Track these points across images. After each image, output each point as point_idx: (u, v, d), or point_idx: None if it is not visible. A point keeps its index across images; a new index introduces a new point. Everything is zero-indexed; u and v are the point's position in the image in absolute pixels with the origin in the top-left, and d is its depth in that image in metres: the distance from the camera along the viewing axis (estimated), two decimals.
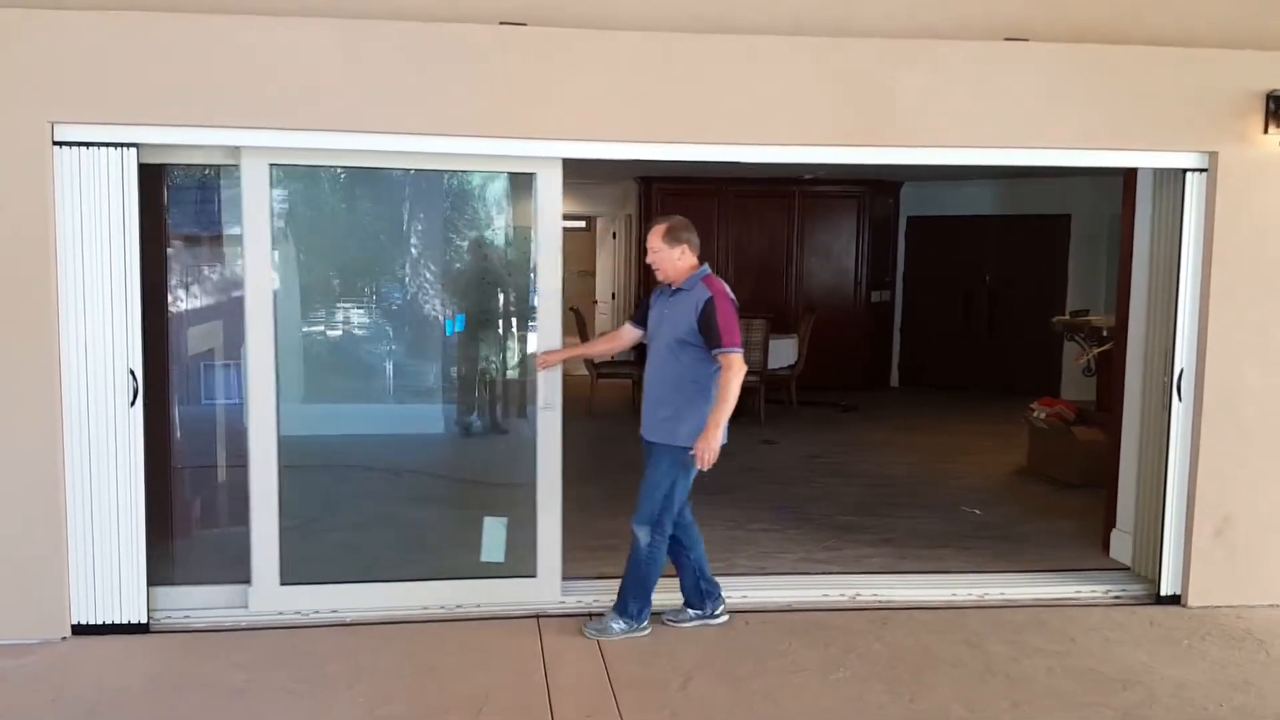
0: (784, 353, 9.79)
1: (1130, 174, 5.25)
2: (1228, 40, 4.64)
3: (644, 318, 4.53)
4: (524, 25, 4.30)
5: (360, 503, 5.27)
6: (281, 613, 4.56)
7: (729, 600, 4.64)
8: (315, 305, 5.12)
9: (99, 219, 4.22)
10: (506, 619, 4.58)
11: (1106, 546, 5.56)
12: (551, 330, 4.68)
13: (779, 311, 10.47)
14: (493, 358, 5.50)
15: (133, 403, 4.31)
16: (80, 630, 4.35)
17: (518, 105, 4.35)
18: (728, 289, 4.30)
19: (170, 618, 4.50)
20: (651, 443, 4.35)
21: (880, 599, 4.92)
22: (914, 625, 4.60)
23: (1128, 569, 5.28)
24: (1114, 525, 5.52)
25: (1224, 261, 4.71)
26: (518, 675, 4.04)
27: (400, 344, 5.39)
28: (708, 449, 4.11)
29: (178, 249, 4.93)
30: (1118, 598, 5.00)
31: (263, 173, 4.40)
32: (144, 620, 4.40)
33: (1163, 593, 4.93)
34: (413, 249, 5.23)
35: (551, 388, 4.66)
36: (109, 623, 4.37)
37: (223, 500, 5.30)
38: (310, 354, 5.10)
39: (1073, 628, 4.59)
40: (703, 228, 4.53)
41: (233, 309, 4.61)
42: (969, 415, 10.04)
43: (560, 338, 4.71)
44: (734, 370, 4.14)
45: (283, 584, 4.58)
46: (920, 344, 11.88)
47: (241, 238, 4.43)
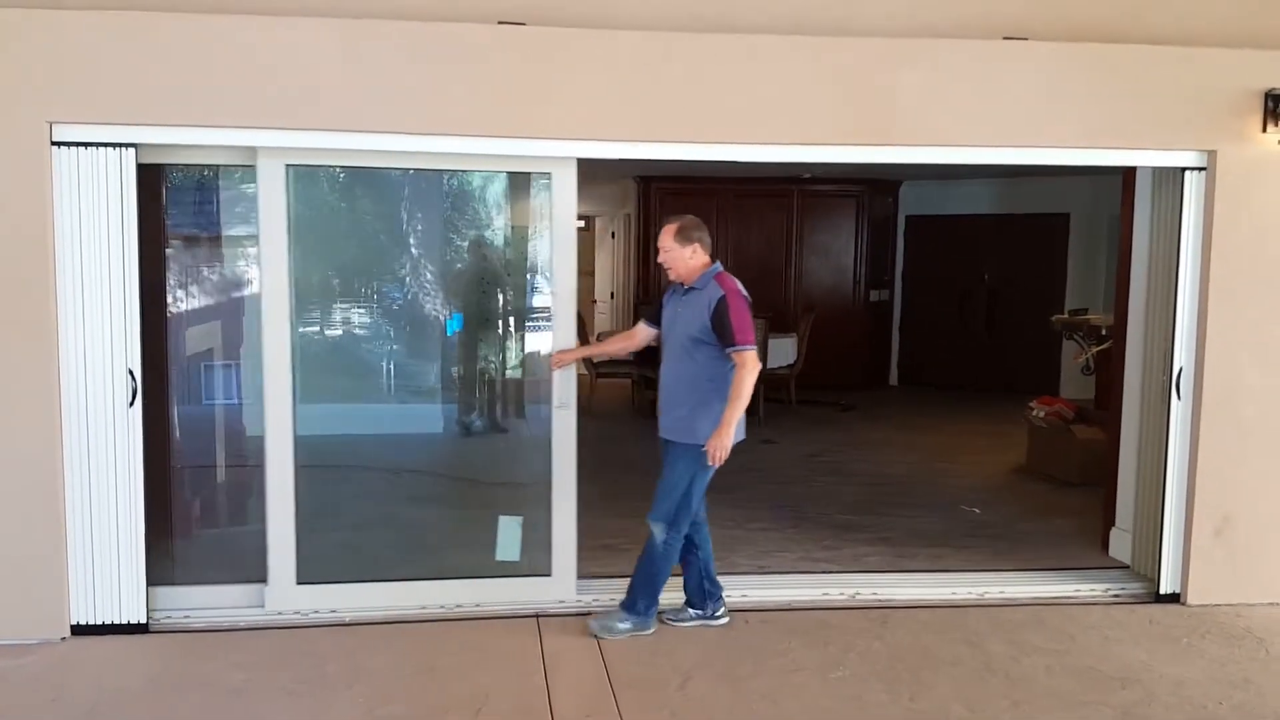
0: (783, 352, 9.80)
1: (1129, 173, 5.25)
2: (1227, 39, 4.65)
3: (658, 317, 4.53)
4: (523, 25, 4.30)
5: (362, 502, 5.25)
6: (299, 611, 4.57)
7: (729, 600, 4.64)
8: (315, 305, 5.11)
9: (98, 219, 4.22)
10: (507, 619, 4.57)
11: (1106, 545, 5.57)
12: (567, 329, 4.68)
13: (778, 311, 10.44)
14: (492, 357, 5.50)
15: (132, 403, 4.31)
16: (80, 630, 4.35)
17: (518, 105, 4.35)
18: (740, 286, 4.28)
19: (170, 618, 4.50)
20: (669, 441, 4.35)
21: (880, 598, 4.92)
22: (913, 624, 4.60)
23: (1127, 567, 5.28)
24: (1113, 524, 5.52)
25: (1223, 260, 4.72)
26: (518, 675, 4.04)
27: (401, 343, 5.38)
28: (719, 446, 4.12)
29: (176, 249, 4.92)
30: (1117, 596, 5.00)
31: (279, 173, 4.40)
32: (143, 620, 4.40)
33: (1162, 591, 4.94)
34: (413, 249, 5.22)
35: (566, 387, 4.67)
36: (108, 623, 4.37)
37: (222, 500, 5.29)
38: (309, 354, 5.09)
39: (1072, 626, 4.60)
40: None
41: (232, 309, 4.61)
42: (968, 414, 10.04)
43: (575, 337, 4.73)
44: (748, 368, 4.14)
45: (299, 583, 4.58)
46: (919, 343, 11.87)
47: (257, 238, 4.43)
